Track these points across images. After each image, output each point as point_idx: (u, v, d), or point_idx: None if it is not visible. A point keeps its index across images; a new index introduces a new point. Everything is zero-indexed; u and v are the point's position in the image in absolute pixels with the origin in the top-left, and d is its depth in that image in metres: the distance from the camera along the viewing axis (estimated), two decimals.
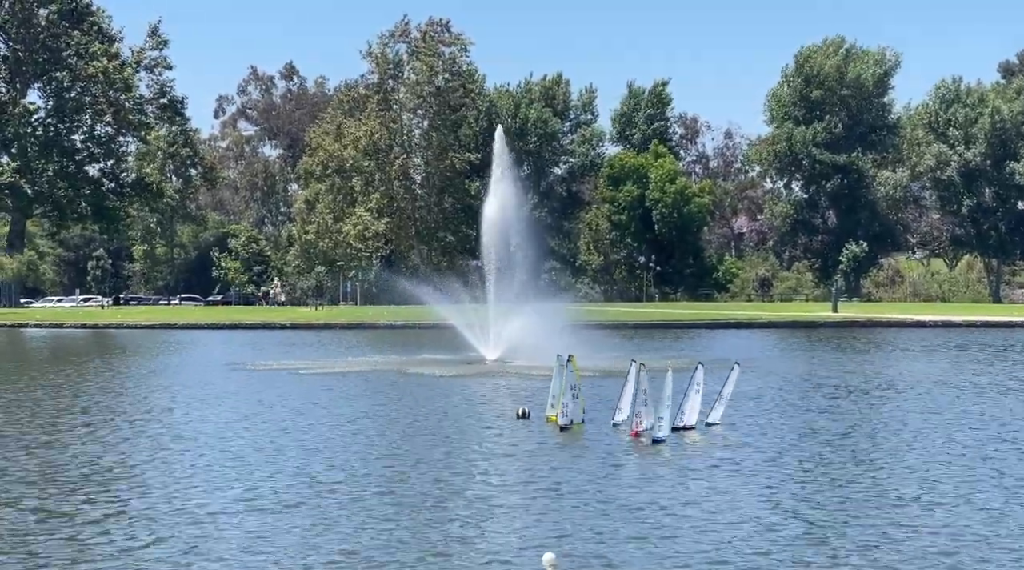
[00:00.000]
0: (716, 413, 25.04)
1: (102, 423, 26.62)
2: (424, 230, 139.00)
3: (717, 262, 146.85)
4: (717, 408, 25.06)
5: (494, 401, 31.15)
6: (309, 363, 45.32)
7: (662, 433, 22.42)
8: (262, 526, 15.35)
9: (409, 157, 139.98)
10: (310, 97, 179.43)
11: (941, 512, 16.23)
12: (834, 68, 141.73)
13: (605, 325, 72.96)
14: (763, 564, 13.45)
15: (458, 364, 43.40)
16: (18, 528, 15.31)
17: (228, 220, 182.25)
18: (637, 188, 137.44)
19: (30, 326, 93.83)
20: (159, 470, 19.98)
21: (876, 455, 21.51)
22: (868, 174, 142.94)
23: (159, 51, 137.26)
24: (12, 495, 17.57)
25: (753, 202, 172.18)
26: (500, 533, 14.98)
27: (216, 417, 27.69)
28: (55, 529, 15.28)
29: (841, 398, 31.80)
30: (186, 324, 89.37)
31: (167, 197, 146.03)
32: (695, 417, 24.08)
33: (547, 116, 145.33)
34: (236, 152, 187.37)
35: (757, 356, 50.36)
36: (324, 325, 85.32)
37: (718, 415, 25.07)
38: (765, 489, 17.89)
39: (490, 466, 20.23)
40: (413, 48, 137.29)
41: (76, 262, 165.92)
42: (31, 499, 17.27)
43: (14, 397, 33.07)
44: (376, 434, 24.48)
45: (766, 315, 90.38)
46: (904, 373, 40.71)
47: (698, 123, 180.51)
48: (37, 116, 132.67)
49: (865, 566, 13.40)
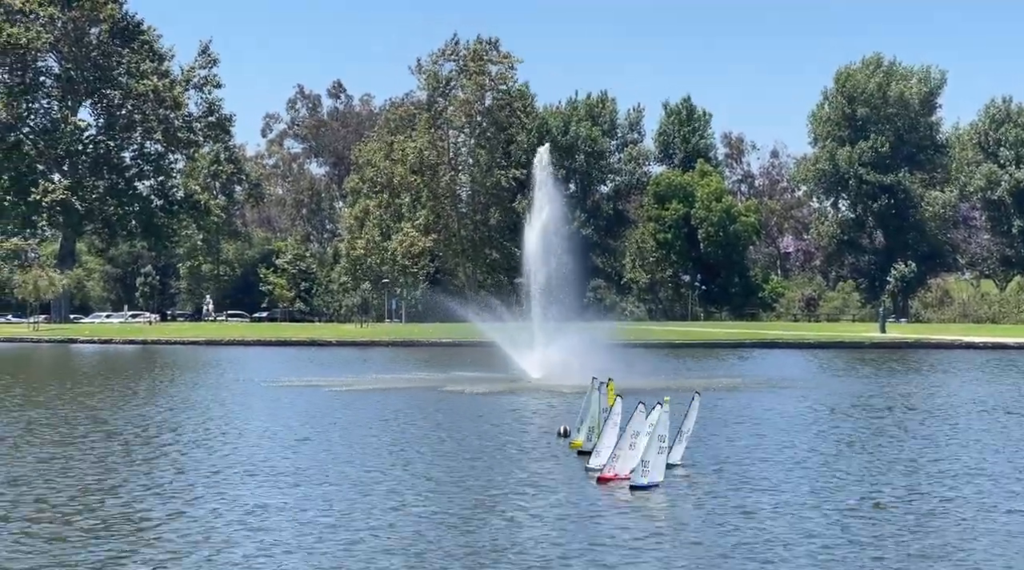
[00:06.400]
0: (676, 453, 21.56)
1: (181, 443, 26.78)
2: (469, 247, 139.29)
3: (763, 281, 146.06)
4: (677, 447, 21.63)
5: (533, 420, 31.11)
6: (359, 379, 45.51)
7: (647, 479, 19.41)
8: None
9: (456, 174, 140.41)
10: (356, 115, 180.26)
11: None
12: (876, 87, 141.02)
13: (650, 344, 72.87)
14: None
15: (503, 382, 43.35)
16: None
17: (275, 237, 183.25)
18: (683, 206, 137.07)
19: (79, 341, 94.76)
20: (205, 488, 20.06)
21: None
22: (916, 194, 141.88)
23: (208, 70, 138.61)
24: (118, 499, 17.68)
25: (799, 221, 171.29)
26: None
27: (245, 442, 27.79)
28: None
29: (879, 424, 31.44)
30: (232, 340, 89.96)
31: (214, 215, 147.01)
32: (628, 463, 20.11)
33: (596, 134, 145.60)
34: (283, 170, 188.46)
35: (804, 376, 50.07)
36: (370, 342, 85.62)
37: (678, 455, 21.76)
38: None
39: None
40: (462, 66, 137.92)
41: (123, 278, 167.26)
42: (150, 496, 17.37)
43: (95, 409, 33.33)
44: (421, 453, 24.48)
45: (812, 335, 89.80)
46: (965, 398, 40.25)
47: (743, 142, 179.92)
48: (88, 133, 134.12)
49: None
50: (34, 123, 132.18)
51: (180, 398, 39.07)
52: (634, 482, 19.37)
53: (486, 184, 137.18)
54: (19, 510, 17.59)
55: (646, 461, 19.33)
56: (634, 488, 19.23)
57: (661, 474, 19.58)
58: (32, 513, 17.35)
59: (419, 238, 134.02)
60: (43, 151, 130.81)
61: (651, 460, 19.32)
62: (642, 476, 19.29)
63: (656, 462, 19.41)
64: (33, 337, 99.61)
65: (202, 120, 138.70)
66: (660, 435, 19.42)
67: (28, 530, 16.15)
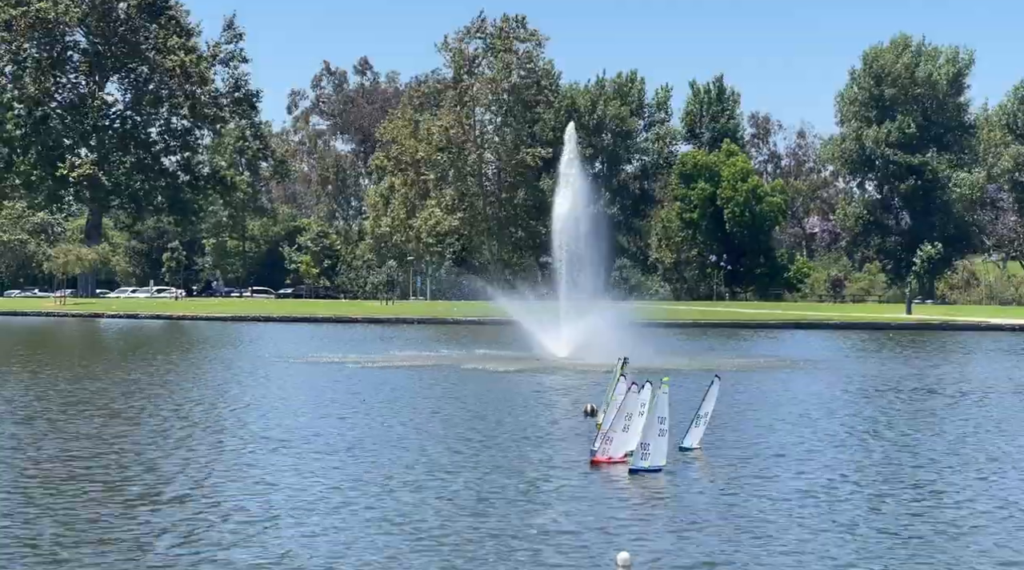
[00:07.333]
0: (693, 436, 21.20)
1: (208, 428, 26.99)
2: (495, 226, 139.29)
3: (788, 262, 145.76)
4: (694, 430, 21.21)
5: (560, 398, 31.18)
6: (390, 356, 45.71)
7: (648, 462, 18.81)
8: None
9: (482, 153, 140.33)
10: (382, 92, 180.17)
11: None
12: (904, 67, 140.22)
13: (675, 324, 72.88)
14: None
15: (529, 360, 43.41)
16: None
17: (300, 214, 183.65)
18: (709, 186, 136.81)
19: (106, 316, 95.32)
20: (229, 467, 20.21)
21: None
22: (943, 175, 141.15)
23: (234, 45, 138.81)
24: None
25: (825, 202, 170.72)
26: None
27: (275, 418, 27.95)
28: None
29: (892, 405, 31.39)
30: (258, 316, 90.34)
31: (240, 191, 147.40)
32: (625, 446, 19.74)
33: (624, 114, 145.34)
34: (308, 146, 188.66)
35: (829, 357, 50.01)
36: (395, 319, 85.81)
37: (696, 438, 21.24)
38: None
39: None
40: (489, 44, 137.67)
41: (149, 254, 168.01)
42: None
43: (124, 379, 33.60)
44: (455, 429, 24.56)
45: (837, 316, 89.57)
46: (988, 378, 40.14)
47: (770, 122, 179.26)
48: (115, 109, 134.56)
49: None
50: (61, 98, 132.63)
51: (219, 374, 39.36)
52: (634, 466, 18.71)
53: (512, 162, 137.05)
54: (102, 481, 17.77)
55: (646, 444, 18.67)
56: (633, 472, 18.60)
57: (663, 458, 18.88)
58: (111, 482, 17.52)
59: (444, 217, 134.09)
60: (70, 126, 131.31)
61: (651, 443, 18.66)
62: (642, 459, 18.65)
63: (657, 445, 18.72)
64: (60, 311, 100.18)
65: (228, 96, 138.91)
66: (660, 417, 18.75)
67: (126, 501, 16.31)
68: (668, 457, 19.13)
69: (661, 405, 18.82)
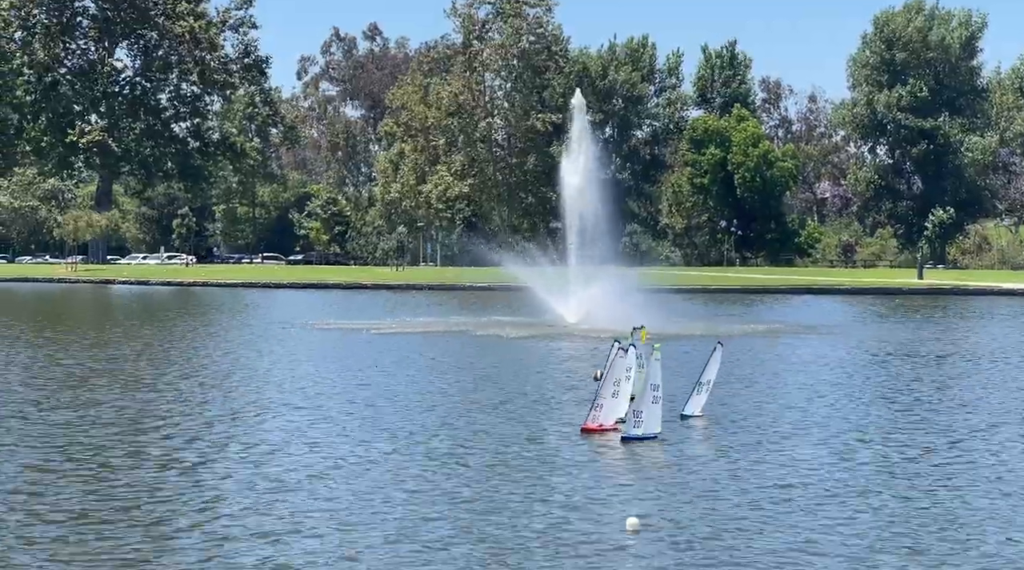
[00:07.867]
0: (695, 403, 20.77)
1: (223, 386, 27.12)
2: (505, 191, 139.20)
3: (799, 227, 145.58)
4: (696, 397, 20.77)
5: (568, 363, 31.22)
6: (403, 323, 45.84)
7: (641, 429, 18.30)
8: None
9: (491, 118, 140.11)
10: (391, 58, 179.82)
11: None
12: (916, 31, 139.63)
13: (685, 289, 72.89)
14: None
15: (539, 327, 43.46)
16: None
17: (310, 180, 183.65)
18: (720, 151, 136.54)
19: (117, 282, 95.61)
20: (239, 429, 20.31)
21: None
22: (955, 139, 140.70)
23: (244, 10, 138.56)
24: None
25: (836, 167, 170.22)
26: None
27: (284, 382, 28.06)
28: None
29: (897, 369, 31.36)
30: (268, 283, 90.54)
31: (249, 157, 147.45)
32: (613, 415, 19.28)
33: (635, 79, 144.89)
34: (318, 112, 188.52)
35: (840, 322, 50.03)
36: (406, 285, 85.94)
37: (698, 406, 20.78)
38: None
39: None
40: (498, 9, 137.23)
41: (159, 220, 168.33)
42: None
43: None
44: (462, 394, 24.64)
45: (849, 281, 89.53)
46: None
47: (780, 87, 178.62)
48: (125, 75, 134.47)
49: None
50: (71, 64, 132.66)
51: (232, 339, 39.49)
52: (626, 433, 18.30)
53: (522, 128, 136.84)
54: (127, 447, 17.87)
55: (638, 411, 18.31)
56: (625, 439, 18.18)
57: (658, 425, 18.49)
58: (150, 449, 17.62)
59: (454, 183, 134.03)
60: (80, 92, 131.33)
61: (644, 411, 18.28)
62: (635, 427, 18.27)
63: (651, 412, 18.34)
64: (71, 277, 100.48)
65: (238, 62, 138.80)
66: (653, 384, 18.29)
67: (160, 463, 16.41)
68: (668, 425, 18.91)
69: (654, 372, 18.43)
